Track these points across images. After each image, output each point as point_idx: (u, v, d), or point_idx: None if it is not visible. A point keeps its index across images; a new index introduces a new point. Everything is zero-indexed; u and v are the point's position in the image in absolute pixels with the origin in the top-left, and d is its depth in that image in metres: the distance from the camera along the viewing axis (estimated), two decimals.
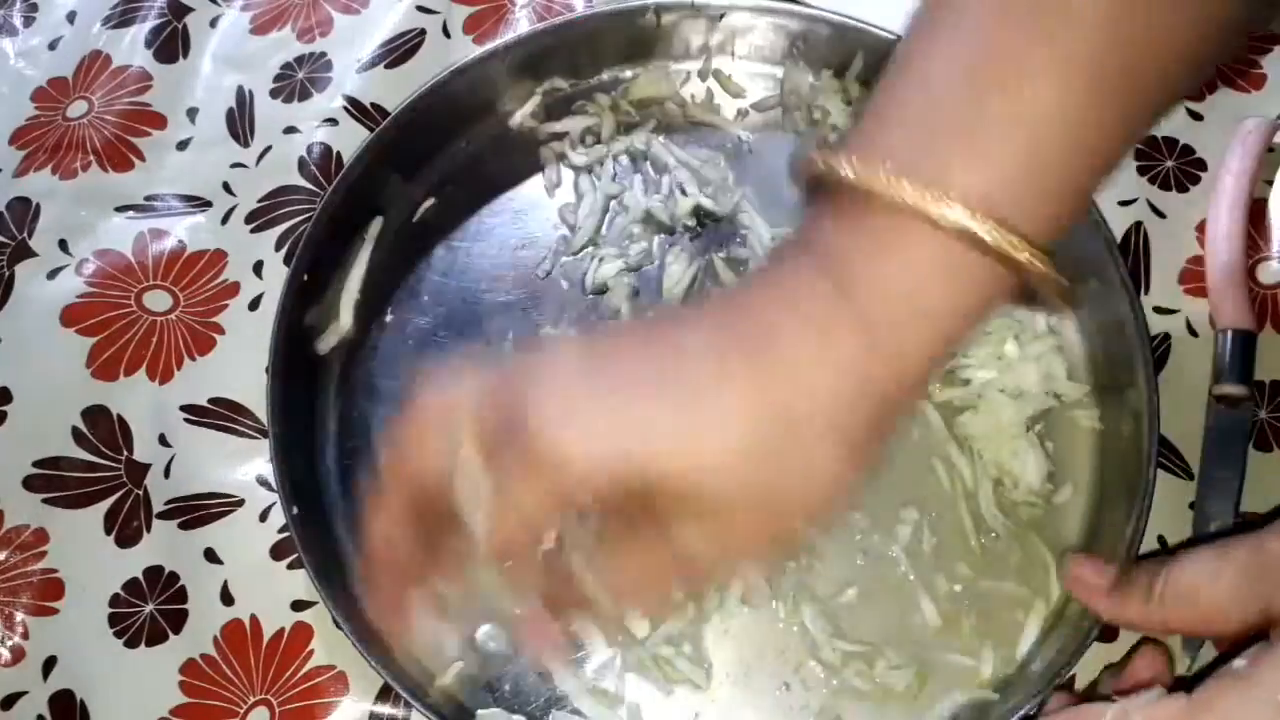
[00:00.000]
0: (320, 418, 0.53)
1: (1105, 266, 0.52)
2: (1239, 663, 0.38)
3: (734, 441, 0.32)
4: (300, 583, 0.51)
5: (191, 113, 0.64)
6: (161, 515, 0.53)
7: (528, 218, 0.58)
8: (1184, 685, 0.40)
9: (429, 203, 0.58)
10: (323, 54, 0.65)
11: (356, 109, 0.63)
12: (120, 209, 0.61)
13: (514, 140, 0.60)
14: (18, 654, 0.50)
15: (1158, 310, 0.55)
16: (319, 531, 0.50)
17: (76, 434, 0.55)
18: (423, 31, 0.65)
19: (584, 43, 0.59)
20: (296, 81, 0.64)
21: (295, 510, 0.48)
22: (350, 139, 0.61)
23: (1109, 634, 0.48)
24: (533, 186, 0.59)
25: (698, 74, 0.61)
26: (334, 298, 0.55)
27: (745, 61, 0.61)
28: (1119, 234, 0.56)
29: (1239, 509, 0.49)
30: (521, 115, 0.60)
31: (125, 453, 0.54)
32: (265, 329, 0.53)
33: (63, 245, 0.60)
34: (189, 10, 0.68)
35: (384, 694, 0.49)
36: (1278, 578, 0.40)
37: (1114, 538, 0.47)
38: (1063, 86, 0.30)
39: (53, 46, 0.67)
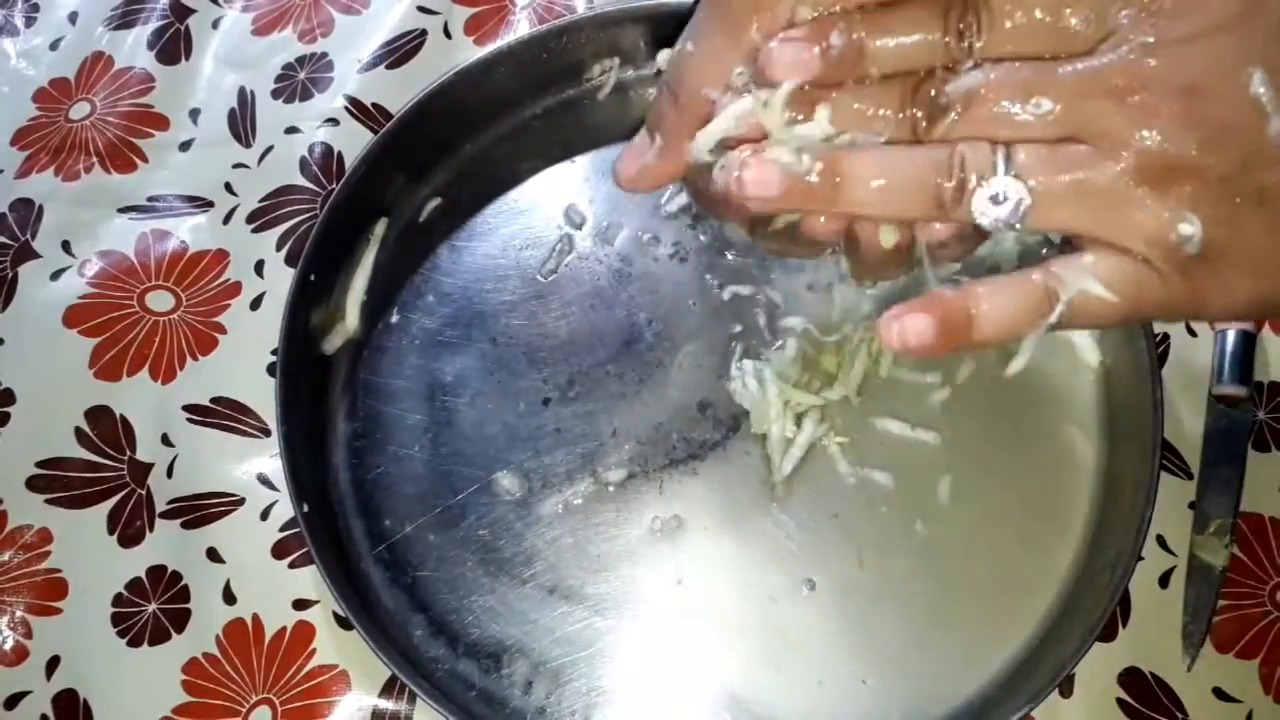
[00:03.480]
0: (327, 417, 0.53)
1: None
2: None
3: None
4: (302, 582, 0.51)
5: (194, 113, 0.64)
6: (164, 515, 0.53)
7: (531, 217, 0.58)
8: None
9: (434, 203, 0.58)
10: (324, 54, 0.66)
11: (358, 109, 0.63)
12: (123, 210, 0.61)
13: (517, 140, 0.60)
14: (21, 653, 0.50)
15: None
16: (327, 529, 0.50)
17: (79, 434, 0.55)
18: (424, 32, 0.65)
19: (586, 45, 0.60)
20: (298, 82, 0.65)
21: (305, 508, 0.48)
22: (351, 139, 0.62)
23: (1109, 634, 0.48)
24: (536, 186, 0.59)
25: None
26: (340, 298, 0.55)
27: None
28: None
29: (1239, 509, 0.50)
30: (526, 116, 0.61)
31: (128, 452, 0.54)
32: (267, 329, 0.53)
33: (65, 246, 0.60)
34: (191, 11, 0.68)
35: (386, 690, 0.49)
36: None
37: (1117, 538, 0.47)
38: None
39: (54, 47, 0.67)
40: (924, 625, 0.48)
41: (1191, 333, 0.54)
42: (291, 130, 0.63)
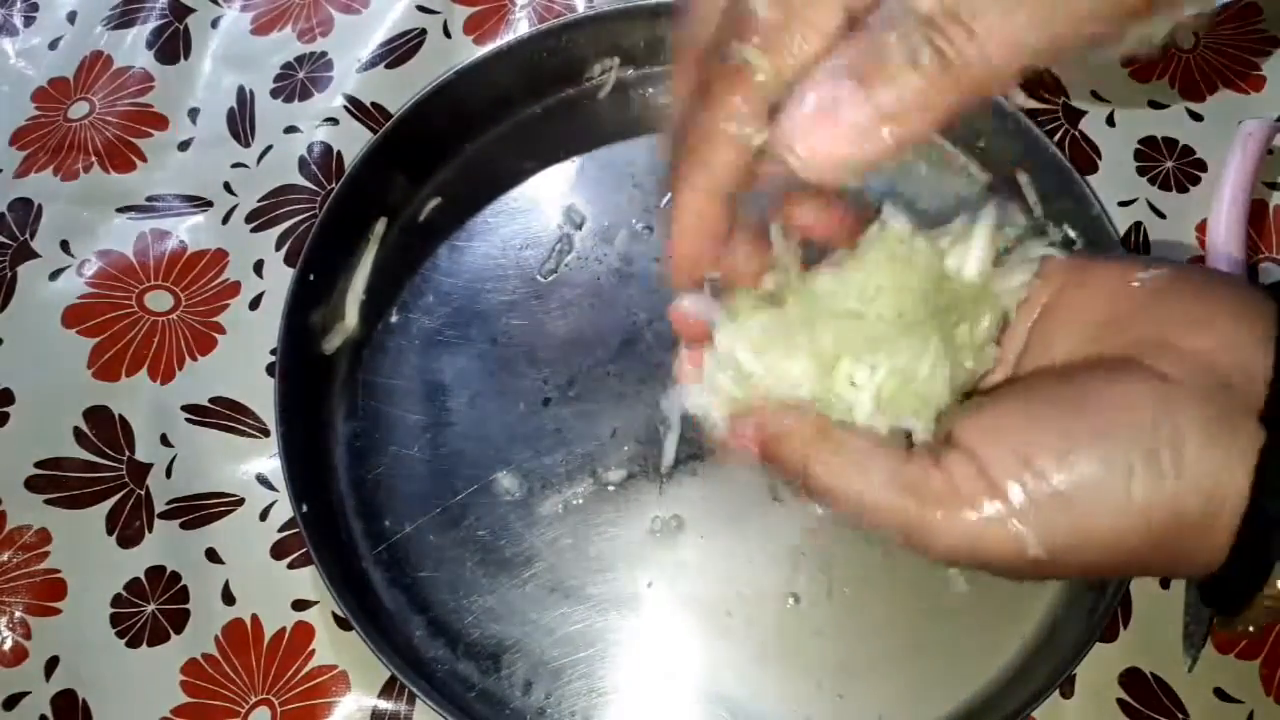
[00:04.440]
0: (327, 417, 0.53)
1: None
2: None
3: None
4: (301, 582, 0.51)
5: (193, 113, 0.64)
6: (163, 515, 0.53)
7: (531, 217, 0.58)
8: None
9: (433, 203, 0.58)
10: (323, 54, 0.65)
11: (357, 109, 0.63)
12: (122, 209, 0.61)
13: (517, 140, 0.60)
14: (20, 654, 0.50)
15: None
16: (326, 529, 0.50)
17: (78, 434, 0.55)
18: (423, 31, 0.65)
19: (586, 44, 0.59)
20: (297, 81, 0.64)
21: (304, 509, 0.48)
22: (351, 138, 0.62)
23: (1110, 634, 0.48)
24: (536, 186, 0.59)
25: None
26: (339, 298, 0.55)
27: None
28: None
29: None
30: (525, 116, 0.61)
31: (127, 453, 0.54)
32: (266, 328, 0.53)
33: (64, 246, 0.60)
34: (190, 11, 0.68)
35: (386, 690, 0.49)
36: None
37: None
38: None
39: (53, 46, 0.67)
40: (928, 624, 0.49)
41: None
42: (291, 130, 0.63)
